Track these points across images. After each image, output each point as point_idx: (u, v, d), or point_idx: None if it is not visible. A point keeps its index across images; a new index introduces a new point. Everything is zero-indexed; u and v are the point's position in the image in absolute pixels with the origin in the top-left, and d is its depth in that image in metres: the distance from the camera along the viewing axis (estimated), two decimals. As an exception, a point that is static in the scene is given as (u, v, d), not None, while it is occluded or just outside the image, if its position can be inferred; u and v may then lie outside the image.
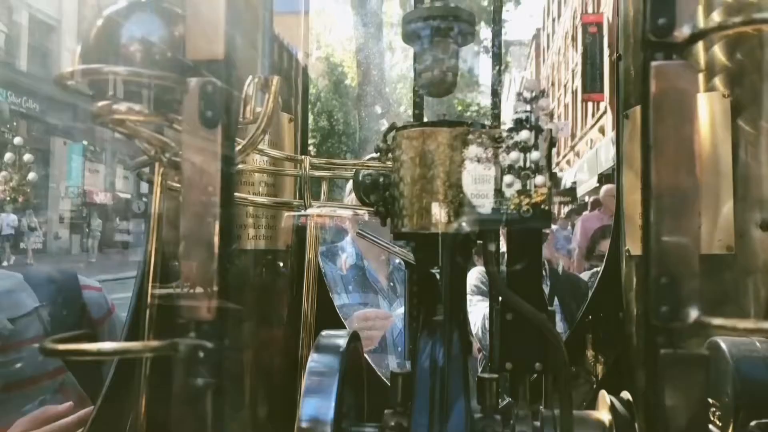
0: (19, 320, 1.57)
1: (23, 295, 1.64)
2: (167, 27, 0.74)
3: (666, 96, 0.59)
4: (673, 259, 0.60)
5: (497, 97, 1.25)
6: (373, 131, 17.03)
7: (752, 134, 1.21)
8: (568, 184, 24.54)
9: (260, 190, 1.36)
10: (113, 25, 0.75)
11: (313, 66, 18.61)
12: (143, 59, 0.73)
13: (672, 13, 0.60)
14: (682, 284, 0.60)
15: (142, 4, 0.76)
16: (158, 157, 0.77)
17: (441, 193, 0.90)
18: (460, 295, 1.05)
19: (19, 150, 3.76)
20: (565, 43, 31.96)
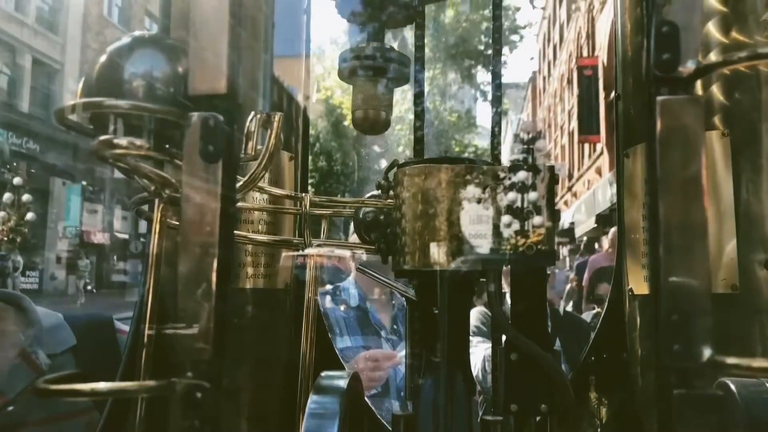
0: (58, 357, 1.60)
1: (64, 333, 1.68)
2: (170, 62, 0.74)
3: (672, 130, 0.59)
4: (684, 297, 0.59)
5: (496, 138, 1.25)
6: (372, 171, 17.12)
7: (752, 173, 1.21)
8: (566, 225, 24.57)
9: (259, 228, 1.35)
10: (116, 61, 0.75)
11: (313, 107, 18.83)
12: (146, 94, 0.72)
13: (676, 49, 0.61)
14: (694, 322, 0.58)
15: (144, 41, 0.76)
16: (158, 194, 0.76)
17: (443, 230, 0.89)
18: (462, 334, 1.03)
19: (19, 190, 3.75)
20: (561, 86, 32.42)
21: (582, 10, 24.85)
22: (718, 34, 1.22)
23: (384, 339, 2.65)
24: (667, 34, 0.61)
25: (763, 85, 1.21)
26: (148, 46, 0.78)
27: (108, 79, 0.75)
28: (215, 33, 0.71)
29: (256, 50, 1.44)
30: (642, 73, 1.27)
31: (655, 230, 0.60)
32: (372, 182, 1.37)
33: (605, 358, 1.47)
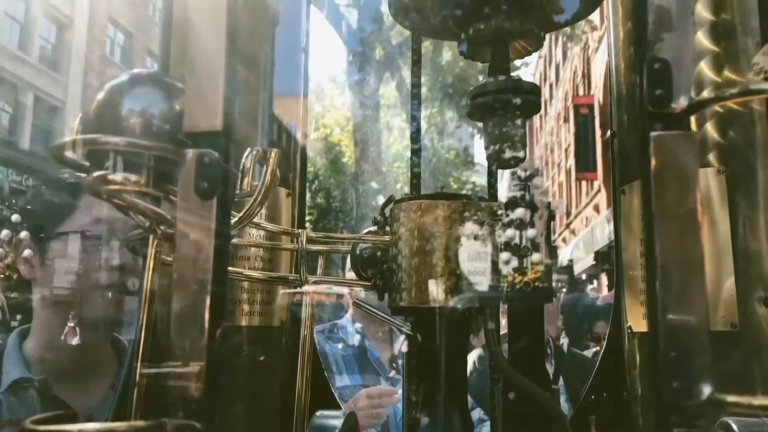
0: None
1: None
2: (167, 99, 0.75)
3: (667, 166, 0.59)
4: (683, 333, 0.58)
5: (493, 175, 1.25)
6: (370, 208, 17.16)
7: (749, 210, 1.21)
8: (565, 262, 24.53)
9: (256, 265, 1.35)
10: (114, 98, 0.75)
11: (312, 145, 18.97)
12: (143, 131, 0.73)
13: (668, 85, 0.61)
14: (693, 359, 0.57)
15: (142, 78, 0.77)
16: (153, 230, 0.76)
17: (440, 266, 0.88)
18: (460, 371, 1.02)
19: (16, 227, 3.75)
20: (557, 124, 32.74)
21: (577, 49, 25.25)
22: (711, 72, 1.24)
23: (383, 378, 2.61)
24: (659, 71, 0.61)
25: (757, 122, 1.22)
26: (145, 83, 0.79)
27: (105, 115, 0.76)
28: (212, 70, 0.72)
29: (256, 88, 1.45)
30: (636, 111, 1.28)
31: (651, 267, 0.59)
32: (370, 219, 1.37)
33: (605, 397, 1.45)
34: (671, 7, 0.63)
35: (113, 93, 0.76)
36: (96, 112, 0.76)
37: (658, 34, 0.62)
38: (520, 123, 0.98)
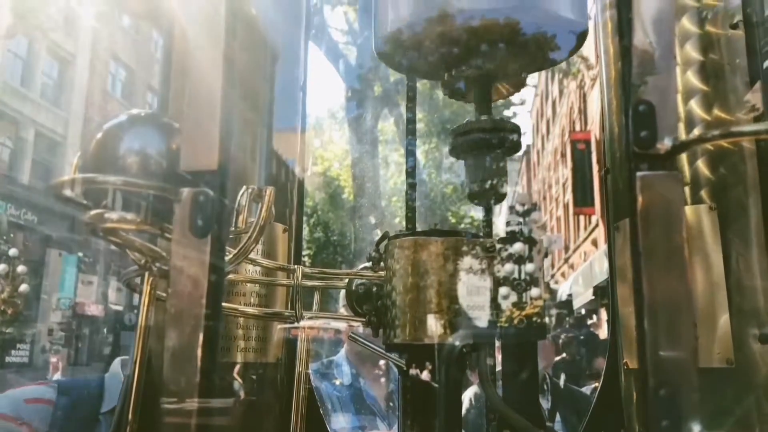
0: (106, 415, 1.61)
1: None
2: (164, 139, 0.76)
3: (652, 205, 0.60)
4: (672, 370, 0.58)
5: (490, 210, 1.26)
6: (368, 242, 17.15)
7: (742, 246, 1.22)
8: (564, 297, 24.41)
9: (251, 301, 1.35)
10: (112, 137, 0.77)
11: (310, 180, 19.04)
12: (140, 170, 0.74)
13: (653, 126, 0.63)
14: (682, 397, 0.58)
15: (141, 119, 0.79)
16: (148, 267, 0.76)
17: (434, 303, 0.89)
18: (455, 407, 1.01)
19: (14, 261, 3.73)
20: (555, 159, 32.95)
21: (573, 86, 25.56)
22: (701, 111, 1.26)
23: (380, 418, 2.58)
24: (643, 113, 0.63)
25: (748, 160, 1.24)
26: (142, 123, 0.80)
27: (104, 154, 0.77)
28: (210, 110, 0.73)
29: (255, 124, 1.47)
30: (624, 150, 1.30)
31: (639, 304, 0.60)
32: (368, 254, 1.38)
33: (603, 434, 1.43)
34: (655, 49, 0.65)
35: (111, 133, 0.78)
36: (95, 151, 0.78)
37: (642, 76, 0.64)
38: (501, 161, 1.02)
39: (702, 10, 1.29)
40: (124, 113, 0.79)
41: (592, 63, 16.27)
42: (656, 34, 0.69)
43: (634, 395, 1.32)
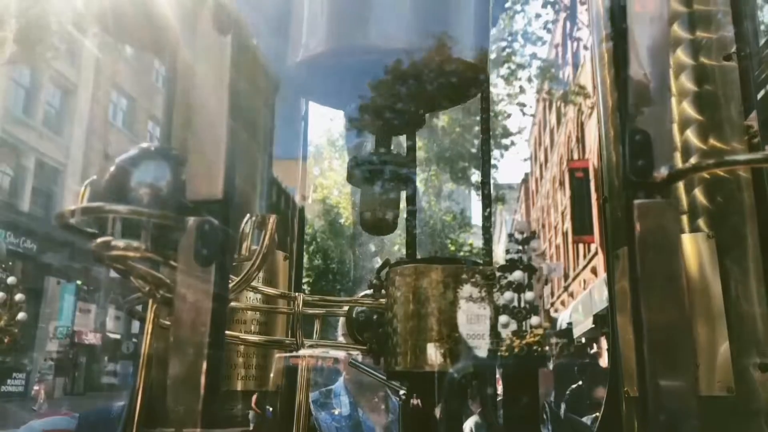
0: None
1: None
2: (173, 172, 0.77)
3: (650, 232, 0.61)
4: (672, 399, 0.59)
5: (489, 238, 1.27)
6: (367, 270, 17.12)
7: (740, 274, 1.22)
8: (564, 325, 24.29)
9: (252, 329, 1.35)
10: (124, 169, 0.78)
11: (309, 207, 19.07)
12: (153, 202, 0.75)
13: (650, 156, 0.64)
14: (683, 425, 0.58)
15: (151, 153, 0.80)
16: (152, 294, 0.77)
17: (434, 330, 0.89)
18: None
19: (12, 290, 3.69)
20: (553, 187, 33.05)
21: (571, 114, 25.77)
22: (697, 140, 1.27)
23: (379, 450, 2.55)
24: (640, 142, 0.64)
25: (744, 188, 1.25)
26: (154, 157, 0.81)
27: (116, 187, 0.78)
28: (214, 140, 0.74)
29: (256, 153, 1.49)
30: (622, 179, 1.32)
31: (639, 332, 0.60)
32: (368, 281, 1.39)
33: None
34: (650, 80, 0.67)
35: (124, 166, 0.79)
36: (107, 184, 0.79)
37: (638, 106, 0.65)
38: (394, 192, 1.06)
39: (696, 41, 1.31)
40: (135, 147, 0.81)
41: (590, 92, 16.43)
42: (652, 65, 0.71)
43: (635, 424, 1.32)
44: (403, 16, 1.13)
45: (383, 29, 1.12)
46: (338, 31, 1.14)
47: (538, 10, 44.77)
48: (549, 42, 23.15)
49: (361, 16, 1.13)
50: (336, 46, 1.11)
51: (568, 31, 24.16)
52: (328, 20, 1.15)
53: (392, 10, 1.13)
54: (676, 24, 1.31)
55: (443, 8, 1.15)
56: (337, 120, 24.83)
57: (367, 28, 1.13)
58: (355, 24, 1.13)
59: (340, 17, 1.15)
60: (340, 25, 1.15)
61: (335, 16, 1.15)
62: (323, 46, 1.13)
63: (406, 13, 1.14)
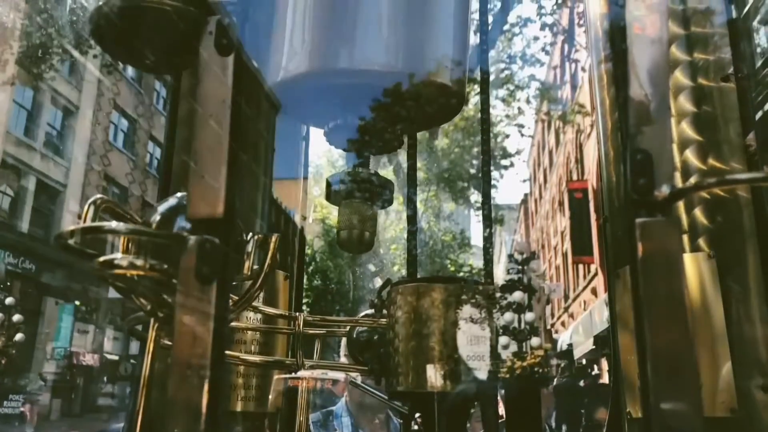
0: None
1: None
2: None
3: (652, 251, 0.61)
4: (675, 420, 0.58)
5: (489, 258, 1.27)
6: (367, 290, 17.09)
7: (741, 294, 1.22)
8: (564, 346, 24.16)
9: (252, 349, 1.34)
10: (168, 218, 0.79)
11: (309, 227, 19.06)
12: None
13: (651, 174, 0.64)
14: (687, 445, 0.57)
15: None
16: (154, 313, 0.77)
17: (437, 350, 0.89)
18: (457, 460, 1.00)
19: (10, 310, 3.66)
20: (552, 208, 33.07)
21: (570, 136, 25.88)
22: (697, 160, 1.28)
23: (380, 472, 2.52)
24: (641, 161, 0.65)
25: (744, 208, 1.25)
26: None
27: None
28: (215, 159, 0.75)
29: (257, 174, 1.49)
30: (623, 198, 1.32)
31: (642, 352, 0.60)
32: (367, 302, 1.39)
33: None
34: (650, 100, 0.67)
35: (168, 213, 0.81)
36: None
37: (639, 126, 0.66)
38: (370, 211, 1.07)
39: (694, 63, 1.33)
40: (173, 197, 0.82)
41: (588, 112, 16.53)
42: (651, 85, 0.71)
43: (638, 446, 1.31)
44: (381, 38, 1.16)
45: (362, 52, 1.14)
46: (318, 53, 1.16)
47: (537, 32, 45.26)
48: (547, 64, 23.35)
49: (341, 39, 1.15)
50: (315, 67, 1.13)
51: (566, 53, 24.36)
52: (308, 42, 1.18)
53: (371, 32, 1.16)
54: (674, 46, 1.32)
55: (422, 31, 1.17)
56: (337, 141, 24.81)
57: (347, 50, 1.15)
58: (335, 46, 1.15)
59: (320, 39, 1.17)
60: (320, 47, 1.17)
61: (315, 37, 1.18)
62: (303, 68, 1.15)
63: (384, 35, 1.16)
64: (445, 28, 1.21)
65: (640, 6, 0.77)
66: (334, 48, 1.16)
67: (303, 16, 1.19)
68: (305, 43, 1.18)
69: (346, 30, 1.15)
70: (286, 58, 1.18)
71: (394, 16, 1.17)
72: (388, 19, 1.17)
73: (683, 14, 1.34)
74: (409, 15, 1.17)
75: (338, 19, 1.16)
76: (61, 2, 13.62)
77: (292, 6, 1.18)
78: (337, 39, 1.15)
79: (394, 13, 1.17)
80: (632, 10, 0.77)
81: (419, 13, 1.18)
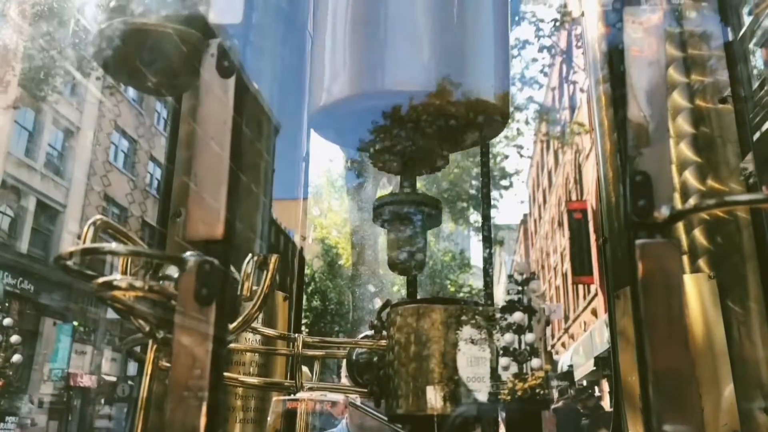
0: None
1: None
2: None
3: (653, 272, 0.61)
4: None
5: (489, 279, 1.27)
6: (366, 311, 17.03)
7: (742, 316, 1.22)
8: (565, 368, 24.00)
9: (251, 371, 1.33)
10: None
11: (308, 247, 19.03)
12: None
13: (650, 196, 0.65)
14: (690, 468, 0.57)
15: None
16: (153, 334, 0.76)
17: (437, 372, 0.88)
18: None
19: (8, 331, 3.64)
20: (552, 228, 33.05)
21: (569, 156, 25.95)
22: (696, 181, 1.29)
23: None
24: (640, 182, 0.65)
25: (743, 229, 1.25)
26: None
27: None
28: (215, 181, 0.75)
29: (257, 194, 1.49)
30: (622, 219, 1.32)
31: (643, 373, 0.60)
32: (367, 323, 1.38)
33: None
34: (649, 122, 0.68)
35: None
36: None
37: (638, 147, 0.66)
38: (420, 232, 1.06)
39: (692, 85, 1.34)
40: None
41: (588, 131, 16.60)
42: (649, 107, 0.72)
43: (640, 469, 1.29)
44: (424, 58, 1.16)
45: (406, 72, 1.14)
46: (362, 75, 1.17)
47: (535, 54, 45.60)
48: (546, 85, 23.49)
49: (385, 60, 1.15)
50: (359, 90, 1.13)
51: (565, 75, 24.51)
52: (350, 66, 1.18)
53: (415, 53, 1.16)
54: (672, 68, 1.33)
55: (464, 50, 1.17)
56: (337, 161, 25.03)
57: (392, 72, 1.15)
58: (380, 67, 1.16)
59: (363, 61, 1.18)
60: (364, 69, 1.17)
61: (358, 60, 1.18)
62: (347, 91, 1.15)
63: (427, 55, 1.16)
64: (487, 45, 1.21)
65: (638, 29, 0.77)
66: (379, 70, 1.16)
67: (344, 40, 1.20)
68: (348, 67, 1.19)
69: (390, 51, 1.16)
70: (328, 82, 1.19)
71: (437, 37, 1.18)
72: (432, 40, 1.18)
73: (680, 37, 1.35)
74: (451, 36, 1.18)
75: (383, 40, 1.17)
76: (64, 24, 13.73)
77: (331, 31, 1.19)
78: (381, 60, 1.16)
79: (437, 34, 1.18)
80: (630, 33, 0.77)
81: (461, 33, 1.19)
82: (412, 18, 1.18)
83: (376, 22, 1.18)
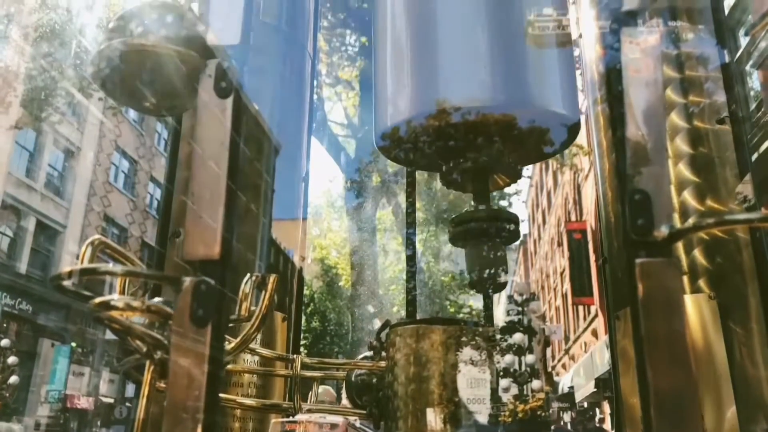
0: None
1: None
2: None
3: (653, 292, 0.61)
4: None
5: (489, 299, 1.27)
6: (366, 332, 16.94)
7: (744, 336, 1.21)
8: (566, 389, 23.81)
9: (249, 392, 1.32)
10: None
11: (307, 268, 18.98)
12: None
13: (650, 215, 0.64)
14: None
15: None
16: (150, 355, 0.76)
17: (436, 394, 0.87)
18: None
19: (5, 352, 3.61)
20: (551, 249, 33.00)
21: (568, 177, 25.99)
22: (694, 201, 1.29)
23: None
24: (640, 202, 0.65)
25: (743, 248, 1.25)
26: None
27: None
28: (213, 201, 0.75)
29: (256, 214, 1.49)
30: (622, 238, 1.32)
31: (645, 394, 0.59)
32: (366, 343, 1.37)
33: None
34: (647, 141, 0.68)
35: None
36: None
37: (636, 167, 0.66)
38: (501, 250, 1.04)
39: (689, 106, 1.34)
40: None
41: (587, 151, 16.64)
42: (648, 127, 0.72)
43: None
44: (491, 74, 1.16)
45: (473, 89, 1.14)
46: (428, 94, 1.17)
47: (533, 75, 45.74)
48: (544, 106, 23.51)
49: (453, 78, 1.16)
50: (425, 108, 1.12)
51: (563, 96, 24.61)
52: (415, 85, 1.18)
53: (482, 69, 1.16)
54: (670, 89, 1.34)
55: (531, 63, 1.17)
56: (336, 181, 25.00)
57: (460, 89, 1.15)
58: (447, 85, 1.16)
59: (425, 82, 1.18)
60: (426, 89, 1.17)
61: (421, 81, 1.18)
62: (409, 112, 1.15)
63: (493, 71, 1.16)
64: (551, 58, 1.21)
65: (636, 49, 0.78)
66: (447, 87, 1.16)
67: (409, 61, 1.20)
68: (411, 87, 1.19)
69: (457, 68, 1.16)
70: (392, 104, 1.19)
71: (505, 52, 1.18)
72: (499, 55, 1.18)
73: (678, 58, 1.36)
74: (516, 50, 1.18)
75: (447, 58, 1.17)
76: (65, 45, 13.83)
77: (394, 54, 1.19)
78: (448, 78, 1.16)
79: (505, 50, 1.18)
80: (628, 54, 0.78)
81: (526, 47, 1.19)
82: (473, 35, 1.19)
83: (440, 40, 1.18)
